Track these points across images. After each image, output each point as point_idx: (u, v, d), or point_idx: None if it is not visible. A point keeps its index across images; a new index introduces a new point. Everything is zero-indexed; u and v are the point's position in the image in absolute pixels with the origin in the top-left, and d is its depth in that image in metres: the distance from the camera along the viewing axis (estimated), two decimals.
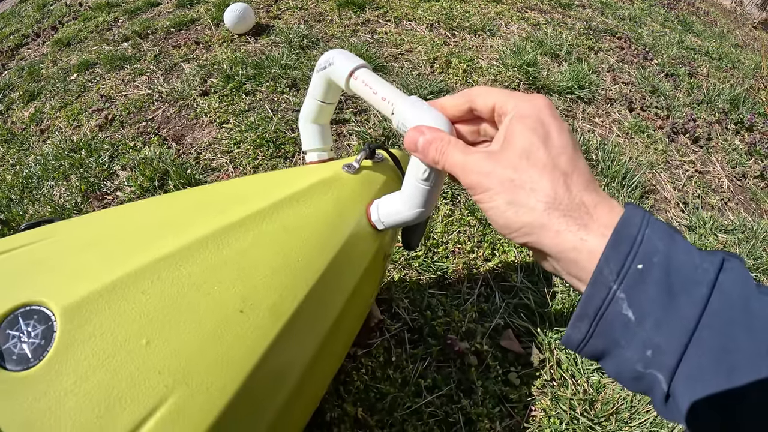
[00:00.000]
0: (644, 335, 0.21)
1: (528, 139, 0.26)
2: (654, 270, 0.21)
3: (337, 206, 0.44)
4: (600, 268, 0.22)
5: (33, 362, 0.33)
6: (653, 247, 0.21)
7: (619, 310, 0.21)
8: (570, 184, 0.24)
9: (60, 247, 0.43)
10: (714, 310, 0.20)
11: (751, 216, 1.36)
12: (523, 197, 0.24)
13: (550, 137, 0.26)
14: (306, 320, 0.39)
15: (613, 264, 0.21)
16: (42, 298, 0.36)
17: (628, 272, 0.21)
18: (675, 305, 0.20)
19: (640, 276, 0.21)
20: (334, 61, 0.44)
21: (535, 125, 0.26)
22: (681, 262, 0.21)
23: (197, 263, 0.37)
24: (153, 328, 0.34)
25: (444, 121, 0.38)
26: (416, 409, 0.77)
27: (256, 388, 0.35)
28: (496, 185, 0.26)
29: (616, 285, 0.21)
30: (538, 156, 0.25)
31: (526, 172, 0.25)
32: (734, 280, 0.21)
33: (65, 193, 1.21)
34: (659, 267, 0.21)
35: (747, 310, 0.20)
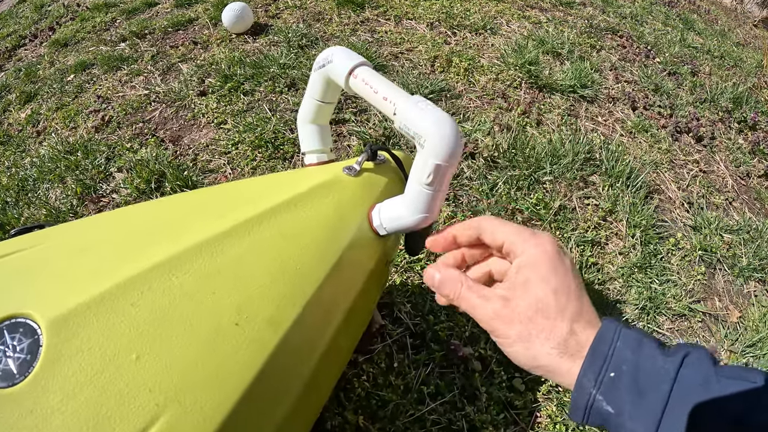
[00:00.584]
0: (624, 424, 0.25)
1: (541, 291, 0.30)
2: (624, 377, 0.26)
3: (338, 211, 0.42)
4: (580, 379, 0.27)
5: (18, 378, 0.32)
6: (623, 357, 0.26)
7: (600, 407, 0.26)
8: (576, 329, 0.29)
9: (48, 256, 0.41)
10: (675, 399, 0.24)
11: (756, 216, 1.34)
12: (537, 346, 0.29)
13: (560, 286, 0.30)
14: (305, 332, 0.37)
15: (591, 374, 0.27)
16: (28, 310, 0.34)
17: (603, 380, 0.26)
18: (644, 401, 0.25)
19: (613, 382, 0.26)
20: (333, 58, 0.42)
21: (545, 275, 0.30)
22: (646, 366, 0.26)
23: (190, 272, 0.35)
24: (143, 342, 0.32)
25: (448, 124, 0.36)
26: (419, 417, 0.75)
27: (254, 405, 0.33)
28: (515, 335, 0.30)
29: (595, 390, 0.26)
30: (550, 309, 0.29)
31: (540, 324, 0.29)
32: (694, 371, 0.25)
33: (61, 195, 1.19)
34: (627, 374, 0.26)
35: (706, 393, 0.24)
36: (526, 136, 1.34)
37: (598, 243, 1.12)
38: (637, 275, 1.07)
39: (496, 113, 1.42)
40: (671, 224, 1.23)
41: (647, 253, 1.12)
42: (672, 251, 1.16)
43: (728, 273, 1.16)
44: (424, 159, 0.37)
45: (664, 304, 1.04)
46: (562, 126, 1.42)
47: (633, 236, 1.14)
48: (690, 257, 1.15)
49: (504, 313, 0.30)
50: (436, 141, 0.36)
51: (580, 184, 1.24)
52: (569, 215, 1.16)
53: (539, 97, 1.53)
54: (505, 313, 0.30)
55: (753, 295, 1.14)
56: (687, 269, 1.13)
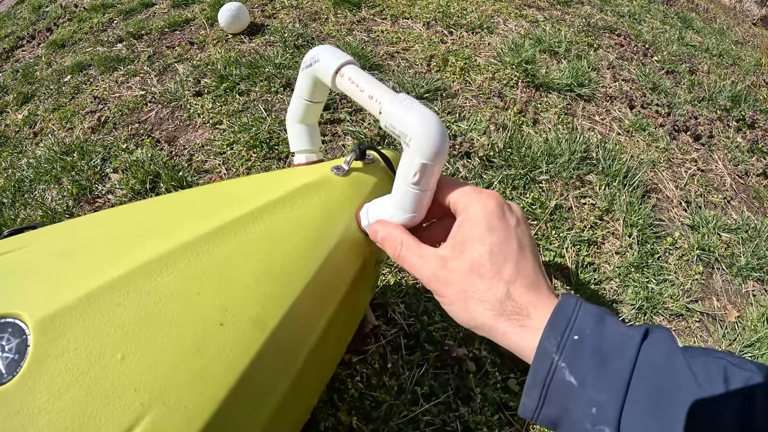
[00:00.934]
0: (587, 396, 0.24)
1: (476, 251, 0.30)
2: (587, 340, 0.25)
3: (325, 210, 0.42)
4: (542, 342, 0.26)
5: (6, 378, 0.32)
6: (585, 323, 0.26)
7: (562, 377, 0.25)
8: (512, 291, 0.29)
9: (38, 256, 0.41)
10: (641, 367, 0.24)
11: (755, 215, 1.34)
12: (473, 306, 0.29)
13: (497, 246, 0.30)
14: (291, 332, 0.37)
15: (553, 338, 0.26)
16: (17, 310, 0.34)
17: (566, 344, 0.25)
18: (609, 368, 0.24)
19: (577, 346, 0.25)
20: (319, 57, 0.42)
21: (482, 234, 0.30)
22: (610, 332, 0.25)
23: (176, 272, 0.35)
24: (128, 342, 0.32)
25: (434, 121, 0.36)
26: (413, 418, 0.75)
27: (239, 405, 0.33)
28: (452, 294, 0.30)
29: (557, 356, 0.25)
30: (485, 269, 0.29)
31: (475, 284, 0.29)
32: (658, 342, 0.25)
33: (57, 196, 1.19)
34: (591, 338, 0.25)
35: (671, 364, 0.24)
36: (522, 135, 1.34)
37: (595, 242, 1.12)
38: (634, 275, 1.07)
39: (492, 112, 1.41)
40: (669, 223, 1.23)
41: (644, 252, 1.11)
42: (669, 250, 1.16)
43: (726, 272, 1.16)
44: (410, 158, 0.37)
45: (661, 303, 1.04)
46: (559, 125, 1.42)
47: (630, 235, 1.14)
48: (688, 256, 1.15)
49: (441, 274, 0.31)
50: (421, 140, 0.36)
51: (577, 183, 1.24)
52: (565, 214, 1.16)
53: (536, 96, 1.53)
54: (442, 275, 0.31)
55: (751, 295, 1.13)
56: (684, 269, 1.13)
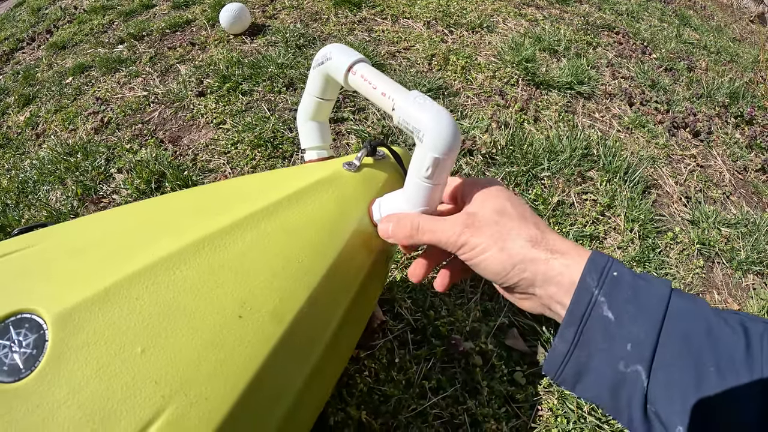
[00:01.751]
0: (623, 331, 0.25)
1: (498, 201, 0.32)
2: (625, 277, 0.27)
3: (339, 205, 0.42)
4: (584, 277, 0.27)
5: (25, 373, 0.32)
6: (621, 266, 0.28)
7: (600, 312, 0.26)
8: (543, 229, 0.31)
9: (52, 253, 0.41)
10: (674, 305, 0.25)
11: (754, 209, 1.35)
12: (510, 242, 0.30)
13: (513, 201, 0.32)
14: (308, 324, 0.37)
15: (594, 273, 0.27)
16: (34, 305, 0.35)
17: (606, 279, 0.27)
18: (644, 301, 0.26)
19: (616, 281, 0.26)
20: (331, 56, 0.43)
21: (498, 193, 0.33)
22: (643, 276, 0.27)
23: (194, 267, 0.36)
24: (148, 336, 0.33)
25: (447, 118, 0.37)
26: (421, 411, 0.76)
27: (259, 397, 0.34)
28: (486, 238, 0.31)
29: (597, 290, 0.26)
30: (510, 212, 0.31)
31: (506, 223, 0.31)
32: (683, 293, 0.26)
33: (61, 197, 1.19)
34: (628, 276, 0.27)
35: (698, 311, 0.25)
36: (523, 133, 1.35)
37: (597, 237, 1.13)
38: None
39: (493, 110, 1.42)
40: (669, 218, 1.24)
41: (645, 247, 1.12)
42: (670, 245, 1.16)
43: (726, 266, 1.16)
44: (423, 153, 0.37)
45: None
46: (560, 122, 1.43)
47: (631, 230, 1.15)
48: (688, 251, 1.16)
49: (471, 222, 0.32)
50: (434, 135, 0.36)
51: (578, 179, 1.24)
52: (567, 210, 1.16)
53: (536, 94, 1.54)
54: (472, 222, 0.32)
55: (751, 288, 1.14)
56: (685, 263, 1.14)
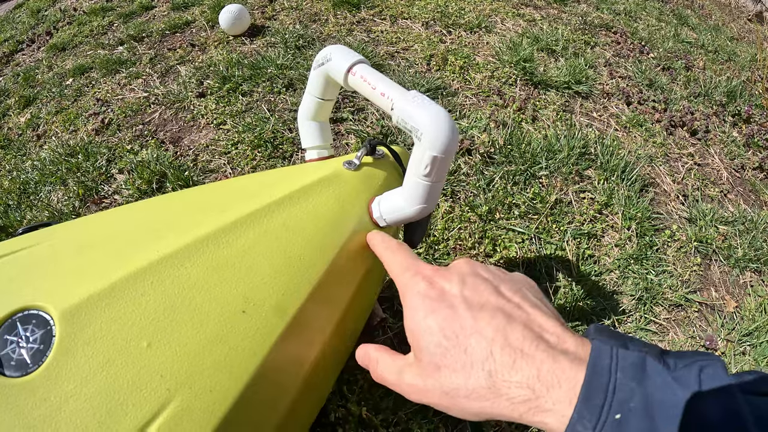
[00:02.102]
0: None
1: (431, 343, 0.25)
2: (632, 417, 0.20)
3: (339, 203, 0.43)
4: (573, 425, 0.21)
5: (32, 367, 0.33)
6: (628, 391, 0.20)
7: None
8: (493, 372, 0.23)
9: (58, 250, 0.42)
10: None
11: (751, 207, 1.36)
12: (466, 404, 0.24)
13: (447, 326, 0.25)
14: (309, 319, 0.38)
15: (588, 421, 0.20)
16: (40, 302, 0.35)
17: (605, 425, 0.20)
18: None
19: (619, 427, 0.20)
20: (332, 57, 0.44)
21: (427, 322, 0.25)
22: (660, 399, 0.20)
23: (198, 263, 0.36)
24: (154, 330, 0.34)
25: (445, 118, 0.38)
26: (421, 408, 0.77)
27: (262, 390, 0.34)
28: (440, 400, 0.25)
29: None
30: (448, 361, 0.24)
31: (450, 381, 0.24)
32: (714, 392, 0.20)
33: (63, 197, 1.20)
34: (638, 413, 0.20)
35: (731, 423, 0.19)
36: (521, 132, 1.36)
37: (594, 235, 1.13)
38: (633, 267, 1.08)
39: (491, 110, 1.43)
40: (666, 216, 1.25)
41: (643, 245, 1.13)
42: (668, 243, 1.17)
43: (724, 264, 1.17)
44: (422, 151, 0.38)
45: (661, 294, 1.05)
46: (558, 122, 1.44)
47: (629, 228, 1.16)
48: (686, 249, 1.17)
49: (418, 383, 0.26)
50: (432, 134, 0.37)
51: (576, 178, 1.25)
52: (565, 209, 1.17)
53: (534, 94, 1.55)
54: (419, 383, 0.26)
55: (749, 285, 1.15)
56: (683, 260, 1.15)
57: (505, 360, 0.23)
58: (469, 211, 1.11)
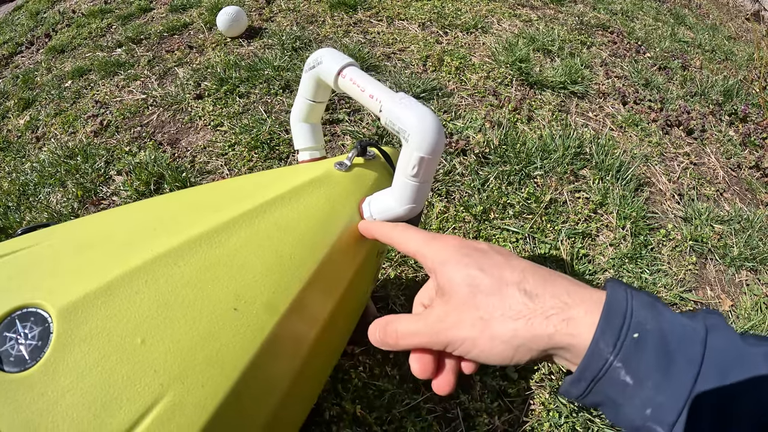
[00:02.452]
0: (644, 395, 0.22)
1: (466, 275, 0.26)
2: (649, 337, 0.22)
3: (329, 203, 0.44)
4: (596, 341, 0.22)
5: (30, 363, 0.34)
6: (644, 317, 0.22)
7: (617, 376, 0.22)
8: (528, 290, 0.25)
9: (56, 250, 0.43)
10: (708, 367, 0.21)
11: (747, 206, 1.37)
12: (500, 327, 0.25)
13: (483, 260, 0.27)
14: (300, 316, 0.39)
15: (609, 337, 0.22)
16: (39, 300, 0.36)
17: (624, 343, 0.22)
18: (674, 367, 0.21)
19: (637, 345, 0.22)
20: (322, 60, 0.45)
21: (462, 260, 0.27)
22: (673, 325, 0.22)
23: (191, 262, 0.37)
24: (148, 327, 0.35)
25: (431, 119, 0.39)
26: (415, 406, 0.78)
27: (252, 385, 0.35)
28: (468, 329, 0.26)
29: (613, 356, 0.22)
30: (484, 282, 0.26)
31: (485, 303, 0.25)
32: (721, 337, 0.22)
33: (62, 199, 1.21)
34: (653, 335, 0.22)
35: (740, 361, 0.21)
36: (517, 132, 1.37)
37: (589, 235, 1.14)
38: (628, 266, 1.09)
39: (487, 110, 1.44)
40: (662, 216, 1.26)
41: (638, 244, 1.14)
42: (663, 242, 1.18)
43: (719, 263, 1.18)
44: (409, 152, 0.39)
45: (655, 293, 1.06)
46: (553, 122, 1.45)
47: (623, 228, 1.17)
48: (681, 248, 1.17)
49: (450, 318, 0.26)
50: (419, 135, 0.38)
51: (571, 177, 1.26)
52: (560, 208, 1.18)
53: (530, 94, 1.56)
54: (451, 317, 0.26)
55: (745, 284, 1.16)
56: (678, 259, 1.15)
57: (537, 280, 0.25)
58: (464, 211, 1.12)
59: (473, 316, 0.25)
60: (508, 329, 0.24)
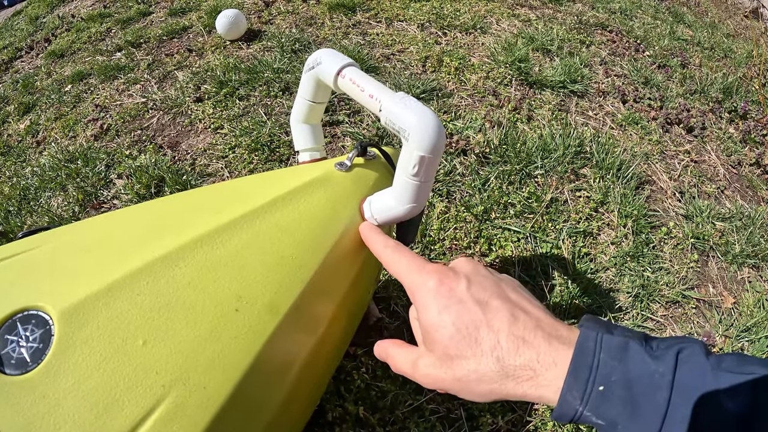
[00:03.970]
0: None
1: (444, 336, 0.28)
2: (614, 388, 0.23)
3: (330, 204, 0.44)
4: (564, 396, 0.24)
5: (32, 366, 0.34)
6: (610, 368, 0.24)
7: (590, 420, 0.24)
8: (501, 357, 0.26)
9: (57, 253, 0.43)
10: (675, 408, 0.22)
11: (748, 203, 1.36)
12: (476, 389, 0.27)
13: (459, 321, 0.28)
14: (301, 317, 0.39)
15: (576, 391, 0.24)
16: (40, 302, 0.36)
17: (591, 396, 0.24)
18: (640, 413, 0.23)
19: (603, 396, 0.24)
20: (321, 60, 0.45)
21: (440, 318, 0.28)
22: (638, 373, 0.24)
23: (192, 263, 0.37)
24: (149, 329, 0.34)
25: (431, 118, 0.38)
26: (418, 407, 0.77)
27: (254, 386, 0.35)
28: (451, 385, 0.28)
29: (582, 407, 0.24)
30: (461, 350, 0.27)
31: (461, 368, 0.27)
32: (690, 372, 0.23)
33: (62, 203, 1.21)
34: (619, 384, 0.23)
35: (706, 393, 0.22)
36: (517, 132, 1.37)
37: (591, 233, 1.14)
38: (630, 264, 1.09)
39: (487, 110, 1.44)
40: (663, 214, 1.25)
41: (639, 242, 1.14)
42: (664, 240, 1.18)
43: (721, 260, 1.18)
44: (410, 152, 0.39)
45: (657, 291, 1.06)
46: (553, 121, 1.45)
47: (625, 226, 1.17)
48: (682, 245, 1.17)
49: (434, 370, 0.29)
50: (419, 134, 0.38)
51: (571, 176, 1.26)
52: (561, 207, 1.18)
53: (530, 94, 1.56)
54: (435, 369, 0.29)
55: (747, 281, 1.15)
56: (680, 257, 1.15)
57: (510, 347, 0.27)
58: (465, 211, 1.12)
59: (453, 377, 0.28)
60: (483, 389, 0.27)
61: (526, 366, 0.26)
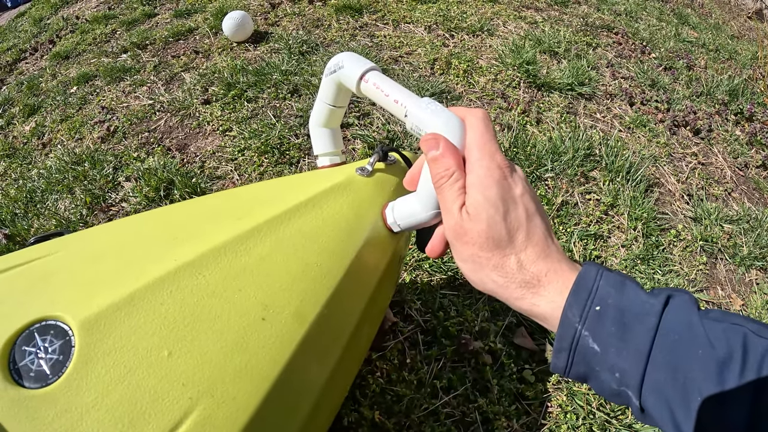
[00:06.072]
0: (610, 362, 0.26)
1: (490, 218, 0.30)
2: (609, 310, 0.26)
3: (353, 210, 0.43)
4: (565, 312, 0.27)
5: (52, 379, 0.33)
6: (607, 293, 0.27)
7: (586, 344, 0.26)
8: (523, 260, 0.30)
9: (73, 260, 0.42)
10: (663, 335, 0.25)
11: (755, 205, 1.36)
12: (486, 273, 0.30)
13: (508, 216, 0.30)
14: (328, 326, 0.38)
15: (576, 309, 0.27)
16: (58, 312, 0.35)
17: (588, 314, 0.26)
18: (630, 335, 0.25)
19: (599, 316, 0.26)
20: (344, 64, 0.44)
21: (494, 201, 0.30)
22: (631, 301, 0.26)
23: (216, 271, 0.37)
24: (174, 339, 0.34)
25: (458, 124, 0.38)
26: (433, 410, 0.77)
27: (283, 396, 0.35)
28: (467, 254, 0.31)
29: (580, 325, 0.26)
30: (499, 237, 0.30)
31: (488, 253, 0.30)
32: (679, 309, 0.26)
33: (70, 206, 1.20)
34: (613, 308, 0.26)
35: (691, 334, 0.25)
36: (526, 135, 1.36)
37: (601, 236, 1.13)
38: (640, 267, 1.08)
39: (496, 113, 1.43)
40: (672, 216, 1.25)
41: (649, 245, 1.13)
42: (673, 242, 1.17)
43: (730, 262, 1.17)
44: None
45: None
46: (562, 123, 1.44)
47: (635, 229, 1.16)
48: (691, 248, 1.17)
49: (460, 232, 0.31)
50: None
51: (581, 179, 1.25)
52: (571, 210, 1.17)
53: (538, 96, 1.55)
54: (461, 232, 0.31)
55: (755, 283, 1.15)
56: (689, 259, 1.14)
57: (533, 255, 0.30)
58: None
59: (475, 251, 0.30)
60: (490, 278, 0.30)
61: (535, 275, 0.29)
